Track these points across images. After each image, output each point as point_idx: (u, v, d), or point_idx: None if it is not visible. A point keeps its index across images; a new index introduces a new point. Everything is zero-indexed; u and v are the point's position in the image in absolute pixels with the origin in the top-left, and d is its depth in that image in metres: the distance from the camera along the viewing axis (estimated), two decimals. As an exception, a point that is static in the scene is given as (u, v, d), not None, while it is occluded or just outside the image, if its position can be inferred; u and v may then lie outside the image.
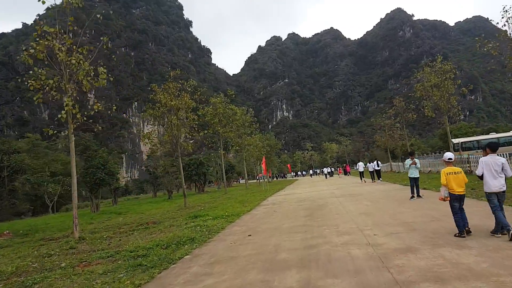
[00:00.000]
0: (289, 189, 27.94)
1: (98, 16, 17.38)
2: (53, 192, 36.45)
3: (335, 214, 10.86)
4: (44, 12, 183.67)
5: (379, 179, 26.68)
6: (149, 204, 30.81)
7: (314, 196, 17.93)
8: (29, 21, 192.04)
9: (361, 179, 27.90)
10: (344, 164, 66.32)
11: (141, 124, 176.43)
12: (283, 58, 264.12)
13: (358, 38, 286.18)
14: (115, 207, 33.84)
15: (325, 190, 21.34)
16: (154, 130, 21.55)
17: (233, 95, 33.31)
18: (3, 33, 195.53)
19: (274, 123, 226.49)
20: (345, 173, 50.40)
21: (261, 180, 60.09)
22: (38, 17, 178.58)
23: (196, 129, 22.53)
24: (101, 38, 15.07)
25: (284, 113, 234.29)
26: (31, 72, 12.57)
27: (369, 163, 27.74)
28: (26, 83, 11.56)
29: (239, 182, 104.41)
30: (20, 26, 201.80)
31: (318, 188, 25.00)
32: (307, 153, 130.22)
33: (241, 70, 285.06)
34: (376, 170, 26.99)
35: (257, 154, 48.85)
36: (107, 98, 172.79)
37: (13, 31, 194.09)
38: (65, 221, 21.36)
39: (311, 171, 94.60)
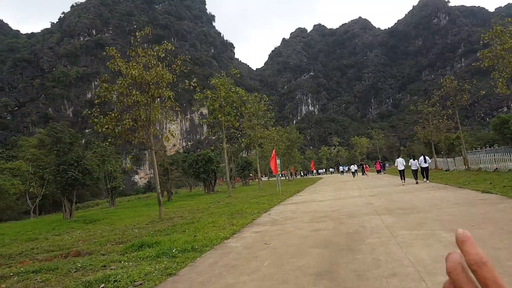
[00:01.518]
0: (308, 192, 21.51)
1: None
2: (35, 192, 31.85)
3: (389, 274, 4.48)
4: (69, 10, 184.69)
5: (426, 179, 19.93)
6: (137, 209, 25.23)
7: (340, 209, 11.49)
8: (55, 20, 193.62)
9: (401, 179, 21.22)
10: (375, 161, 58.39)
11: (164, 121, 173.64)
12: (308, 50, 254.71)
13: (388, 28, 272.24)
14: (104, 211, 28.58)
15: (356, 197, 14.76)
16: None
17: (238, 75, 27.01)
18: (32, 32, 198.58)
19: (298, 118, 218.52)
20: (378, 171, 43.17)
21: (282, 178, 53.80)
22: (62, 15, 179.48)
23: (179, 110, 16.59)
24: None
25: (309, 108, 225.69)
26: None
27: (412, 160, 20.99)
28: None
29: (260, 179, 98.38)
30: (48, 25, 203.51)
31: (346, 192, 18.43)
32: (334, 148, 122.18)
33: (264, 64, 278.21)
34: (423, 168, 20.29)
35: (274, 149, 42.65)
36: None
37: (42, 30, 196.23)
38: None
39: (331, 169, 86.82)
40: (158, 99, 16.50)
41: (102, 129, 14.05)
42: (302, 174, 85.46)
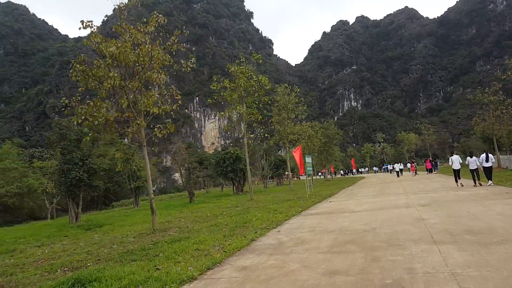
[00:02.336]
0: (342, 196, 17.87)
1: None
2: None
3: None
4: (112, 13, 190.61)
5: (490, 182, 15.69)
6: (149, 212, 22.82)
7: (377, 228, 7.94)
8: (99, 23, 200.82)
9: (456, 181, 17.09)
10: (424, 159, 52.59)
11: (203, 119, 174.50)
12: (351, 44, 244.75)
13: (438, 16, 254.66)
14: (122, 212, 26.66)
15: (402, 208, 10.95)
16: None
17: (260, 60, 23.73)
18: (79, 36, 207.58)
19: (340, 114, 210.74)
20: (429, 170, 38.05)
21: (318, 177, 49.95)
22: (106, 18, 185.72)
23: (179, 101, 13.76)
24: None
25: (352, 103, 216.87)
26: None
27: (469, 157, 16.74)
28: None
29: (298, 178, 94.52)
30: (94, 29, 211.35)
31: (389, 198, 14.62)
32: (379, 145, 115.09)
33: (304, 59, 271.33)
34: (485, 167, 16.12)
35: (300, 144, 38.98)
36: (168, 94, 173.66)
37: (88, 34, 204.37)
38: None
39: (375, 168, 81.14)
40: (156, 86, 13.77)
41: (79, 121, 11.42)
42: (342, 173, 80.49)
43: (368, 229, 8.02)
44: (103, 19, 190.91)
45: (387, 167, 63.52)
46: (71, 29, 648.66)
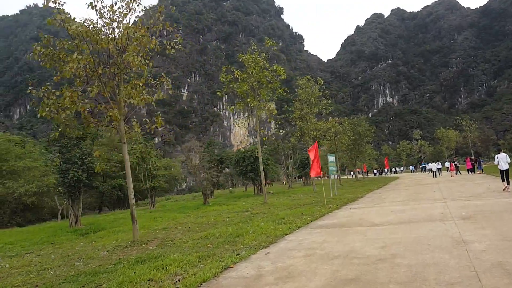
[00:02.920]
0: (366, 202, 15.38)
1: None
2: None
3: None
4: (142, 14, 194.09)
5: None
6: (166, 214, 21.33)
7: (398, 256, 5.61)
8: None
9: (505, 182, 14.27)
10: (466, 157, 48.32)
11: (231, 117, 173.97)
12: (386, 37, 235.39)
13: (480, 6, 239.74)
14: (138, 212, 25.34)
15: (437, 221, 8.45)
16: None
17: (274, 46, 21.45)
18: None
19: (375, 110, 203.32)
20: (470, 170, 34.31)
21: (358, 176, 47.05)
22: (137, 19, 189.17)
23: (170, 91, 11.94)
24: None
25: (387, 99, 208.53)
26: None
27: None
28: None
29: (329, 178, 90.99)
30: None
31: (421, 206, 12.04)
32: (416, 143, 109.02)
33: (336, 54, 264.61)
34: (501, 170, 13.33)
35: (316, 141, 36.42)
36: (198, 93, 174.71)
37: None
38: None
39: (411, 167, 76.36)
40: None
41: (42, 114, 9.79)
42: (375, 172, 76.43)
43: (385, 256, 5.74)
44: (135, 20, 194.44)
45: (425, 166, 59.19)
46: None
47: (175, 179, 64.60)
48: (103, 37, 10.04)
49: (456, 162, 35.60)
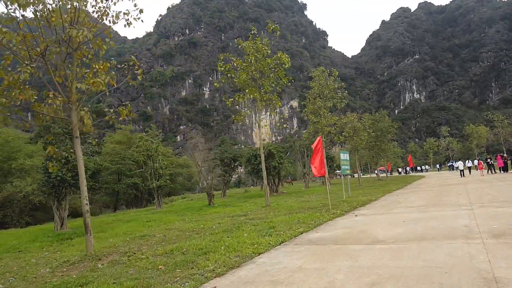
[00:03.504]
0: (377, 207, 13.27)
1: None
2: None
3: None
4: (166, 12, 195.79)
5: None
6: (166, 215, 19.89)
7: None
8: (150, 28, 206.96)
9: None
10: (496, 155, 44.63)
11: (254, 115, 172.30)
12: (413, 32, 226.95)
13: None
14: (132, 215, 24.16)
15: (458, 238, 6.44)
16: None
17: (277, 32, 19.51)
18: (136, 37, 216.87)
19: (401, 107, 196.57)
20: (502, 169, 31.23)
21: (379, 175, 44.56)
22: (160, 17, 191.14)
23: (139, 76, 10.28)
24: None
25: (414, 95, 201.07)
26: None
27: None
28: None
29: (353, 176, 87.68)
30: (151, 29, 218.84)
31: (442, 214, 9.89)
32: (444, 140, 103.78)
33: (361, 50, 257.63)
34: None
35: (320, 136, 34.18)
36: (220, 91, 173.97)
37: (143, 35, 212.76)
38: None
39: (438, 165, 72.85)
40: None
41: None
42: (400, 171, 72.94)
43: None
44: (157, 19, 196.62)
45: (452, 165, 55.54)
46: (131, 31, 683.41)
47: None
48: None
49: (489, 160, 32.45)
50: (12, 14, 8.18)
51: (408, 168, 69.50)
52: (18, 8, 7.85)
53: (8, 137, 36.97)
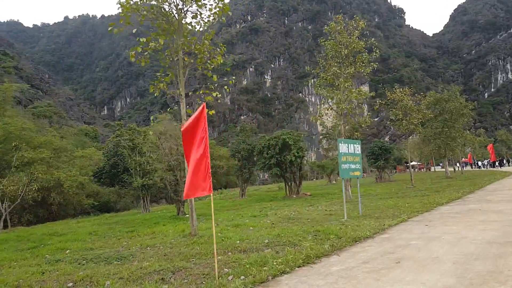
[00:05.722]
0: (378, 252, 5.75)
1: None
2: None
3: None
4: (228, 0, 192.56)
5: None
6: (145, 222, 14.36)
7: None
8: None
9: None
10: None
11: (319, 103, 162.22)
12: (507, 3, 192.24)
13: None
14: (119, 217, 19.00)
15: None
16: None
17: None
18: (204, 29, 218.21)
19: (492, 90, 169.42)
20: None
21: (447, 172, 34.55)
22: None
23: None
24: None
25: (509, 75, 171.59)
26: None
27: None
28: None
29: (426, 170, 75.26)
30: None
31: None
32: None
33: (444, 27, 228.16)
34: None
35: (401, 124, 25.51)
36: (282, 78, 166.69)
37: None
38: None
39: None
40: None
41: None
42: (479, 164, 59.81)
43: None
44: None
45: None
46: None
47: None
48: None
49: None
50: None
51: (485, 162, 56.52)
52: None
53: (22, 126, 34.87)
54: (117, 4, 9.68)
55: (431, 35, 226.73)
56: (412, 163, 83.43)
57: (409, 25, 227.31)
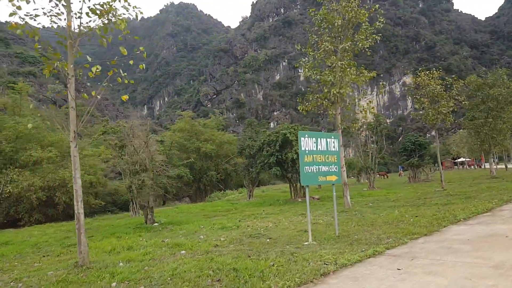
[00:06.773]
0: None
1: None
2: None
3: None
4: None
5: None
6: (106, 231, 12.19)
7: None
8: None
9: None
10: None
11: (356, 95, 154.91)
12: None
13: None
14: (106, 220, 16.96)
15: None
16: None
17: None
18: (229, 26, 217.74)
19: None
20: None
21: (492, 170, 29.59)
22: (255, 0, 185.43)
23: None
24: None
25: None
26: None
27: None
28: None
29: (477, 167, 67.89)
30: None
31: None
32: None
33: (498, 10, 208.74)
34: None
35: (427, 115, 21.46)
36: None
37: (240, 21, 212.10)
38: None
39: None
40: None
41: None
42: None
43: None
44: (252, 2, 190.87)
45: None
46: (234, 20, 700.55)
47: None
48: None
49: None
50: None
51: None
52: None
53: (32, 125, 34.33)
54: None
55: (483, 19, 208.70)
56: (460, 159, 75.69)
57: (457, 9, 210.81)
